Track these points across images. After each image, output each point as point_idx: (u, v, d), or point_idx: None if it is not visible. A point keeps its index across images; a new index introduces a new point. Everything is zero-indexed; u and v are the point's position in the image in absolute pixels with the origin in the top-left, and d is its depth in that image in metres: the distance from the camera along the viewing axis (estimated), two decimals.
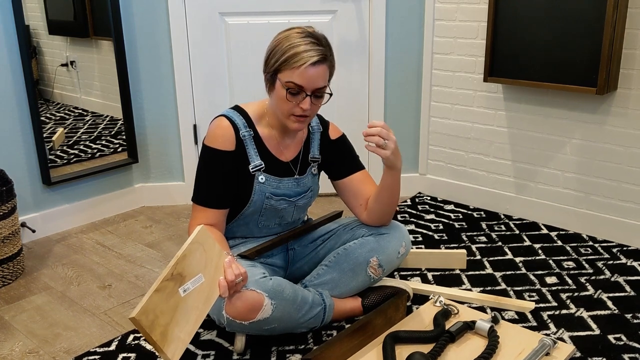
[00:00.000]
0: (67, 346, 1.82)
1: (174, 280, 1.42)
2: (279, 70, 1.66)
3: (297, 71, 1.63)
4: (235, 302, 1.61)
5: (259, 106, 1.83)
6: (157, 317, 1.37)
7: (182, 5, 2.67)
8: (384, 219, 1.88)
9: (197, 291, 1.47)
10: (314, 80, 1.64)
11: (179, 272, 1.43)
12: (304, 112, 1.68)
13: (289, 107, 1.68)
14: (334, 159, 1.92)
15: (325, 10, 2.74)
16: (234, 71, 2.78)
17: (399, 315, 1.84)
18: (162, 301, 1.39)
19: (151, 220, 2.77)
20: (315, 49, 1.63)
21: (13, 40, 2.36)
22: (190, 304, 1.45)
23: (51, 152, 2.57)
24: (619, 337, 1.80)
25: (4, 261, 2.16)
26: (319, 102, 1.71)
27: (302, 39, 1.64)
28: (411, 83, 2.86)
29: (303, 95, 1.66)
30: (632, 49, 2.25)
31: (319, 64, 1.64)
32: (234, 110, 1.80)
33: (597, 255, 2.32)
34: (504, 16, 2.41)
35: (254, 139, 1.78)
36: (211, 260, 1.52)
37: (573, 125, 2.46)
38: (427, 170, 2.98)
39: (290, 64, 1.63)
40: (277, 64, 1.66)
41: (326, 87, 1.70)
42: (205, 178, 1.76)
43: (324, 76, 1.67)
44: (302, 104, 1.67)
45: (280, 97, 1.68)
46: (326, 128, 1.93)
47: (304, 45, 1.63)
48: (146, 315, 1.35)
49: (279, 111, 1.72)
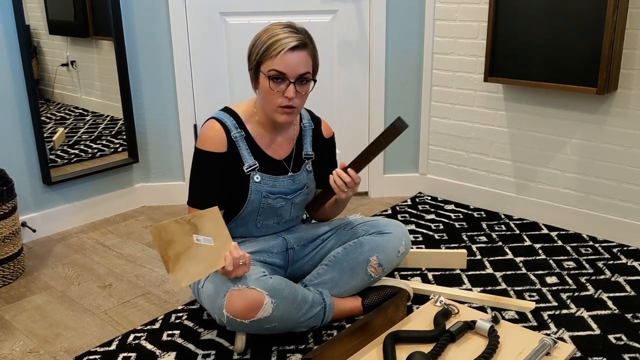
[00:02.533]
0: (68, 346, 1.82)
1: (190, 225, 1.53)
2: (260, 62, 1.69)
3: (277, 58, 1.65)
4: (235, 300, 1.61)
5: (248, 105, 1.83)
6: (173, 241, 1.52)
7: (183, 5, 2.67)
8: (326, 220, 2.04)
9: (206, 248, 1.56)
10: (294, 66, 1.66)
11: (194, 223, 1.54)
12: (290, 102, 1.69)
13: (274, 98, 1.69)
14: (321, 163, 1.95)
15: (326, 10, 2.74)
16: (234, 71, 2.78)
17: (399, 315, 1.84)
18: (179, 232, 1.52)
19: (151, 220, 2.77)
20: (294, 35, 1.66)
21: (13, 40, 2.36)
22: (201, 253, 1.56)
23: (51, 152, 2.57)
24: (619, 337, 1.80)
25: (4, 261, 2.16)
26: (304, 90, 1.72)
27: (280, 29, 1.68)
28: (411, 83, 2.86)
29: (287, 82, 1.67)
30: (632, 49, 2.25)
31: (298, 50, 1.66)
32: (224, 112, 1.81)
33: (597, 255, 2.32)
34: (504, 16, 2.41)
35: (246, 139, 1.79)
36: (220, 236, 1.59)
37: (573, 125, 2.46)
38: (428, 170, 2.98)
39: (269, 53, 1.66)
40: (259, 56, 1.69)
41: (309, 74, 1.71)
42: (198, 181, 1.77)
43: (306, 62, 1.68)
44: (286, 92, 1.68)
45: (265, 90, 1.70)
46: (318, 125, 1.94)
47: (283, 33, 1.66)
48: (165, 232, 1.50)
49: (266, 105, 1.73)
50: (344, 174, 1.73)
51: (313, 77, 1.74)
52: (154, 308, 2.02)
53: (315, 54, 1.74)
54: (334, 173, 1.74)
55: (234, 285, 1.63)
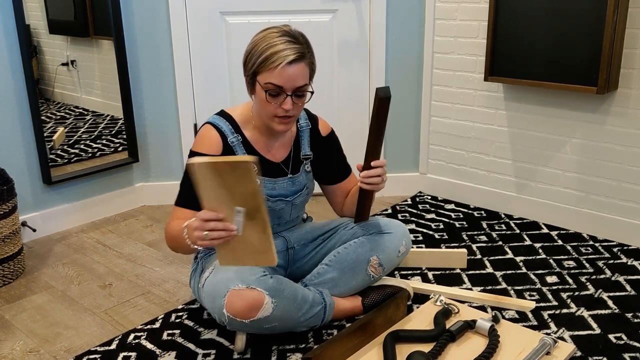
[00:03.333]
0: (68, 345, 1.82)
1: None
2: (257, 72, 1.64)
3: (274, 71, 1.61)
4: (236, 300, 1.61)
5: (245, 109, 1.81)
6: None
7: (183, 5, 2.67)
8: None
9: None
10: (292, 80, 1.62)
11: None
12: (287, 113, 1.66)
13: (271, 109, 1.66)
14: (324, 160, 1.93)
15: (326, 10, 2.74)
16: (234, 70, 2.78)
17: (399, 315, 1.84)
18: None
19: (152, 219, 2.78)
20: (292, 47, 1.61)
21: (13, 40, 2.36)
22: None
23: (52, 152, 2.57)
24: (620, 336, 1.80)
25: (4, 260, 2.16)
26: (301, 102, 1.69)
27: (278, 38, 1.62)
28: (412, 82, 2.86)
29: (284, 96, 1.64)
30: (632, 49, 2.25)
31: (297, 62, 1.62)
32: (220, 116, 1.78)
33: (597, 254, 2.32)
34: (504, 15, 2.40)
35: (243, 143, 1.77)
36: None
37: (574, 124, 2.46)
38: (428, 169, 2.98)
39: (267, 65, 1.61)
40: (255, 66, 1.64)
41: (307, 86, 1.68)
42: (188, 184, 1.73)
43: (303, 74, 1.65)
44: (283, 104, 1.64)
45: (261, 100, 1.67)
46: (315, 123, 1.92)
47: (280, 44, 1.61)
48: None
49: (262, 113, 1.70)
50: (371, 171, 1.70)
51: (310, 85, 1.70)
52: (154, 307, 2.02)
53: (313, 61, 1.70)
54: (361, 178, 1.71)
55: (234, 285, 1.63)
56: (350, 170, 1.99)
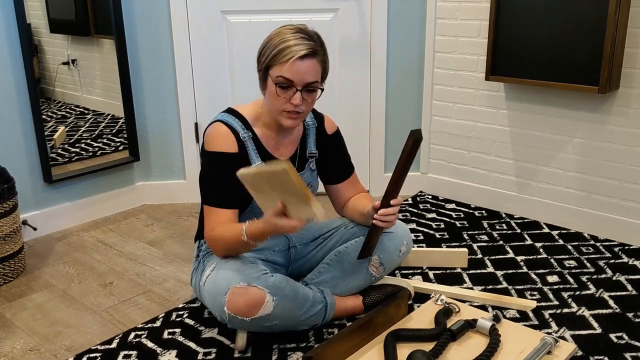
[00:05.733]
0: (68, 344, 1.82)
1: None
2: (269, 66, 1.66)
3: (285, 65, 1.63)
4: (237, 298, 1.61)
5: (254, 107, 1.81)
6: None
7: (184, 4, 2.67)
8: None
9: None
10: (303, 74, 1.64)
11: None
12: (296, 108, 1.67)
13: (280, 103, 1.68)
14: (329, 158, 1.93)
15: (327, 9, 2.73)
16: (235, 69, 2.78)
17: (400, 314, 1.84)
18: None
19: (152, 218, 2.77)
20: (305, 43, 1.63)
21: (14, 39, 2.36)
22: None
23: (52, 151, 2.57)
24: (621, 335, 1.80)
25: (5, 259, 2.16)
26: (311, 98, 1.70)
27: (292, 34, 1.65)
28: (413, 81, 2.86)
29: (293, 90, 1.65)
30: (634, 48, 2.24)
31: (308, 58, 1.64)
32: (228, 113, 1.79)
33: (598, 254, 2.32)
34: (506, 14, 2.40)
35: (253, 140, 1.78)
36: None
37: (575, 124, 2.45)
38: (429, 169, 2.98)
39: (279, 58, 1.63)
40: (268, 59, 1.66)
41: (317, 83, 1.69)
42: (214, 182, 1.72)
43: (315, 71, 1.66)
44: (292, 99, 1.66)
45: (271, 93, 1.68)
46: (321, 122, 1.92)
47: (294, 40, 1.63)
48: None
49: (272, 108, 1.71)
50: (390, 209, 1.70)
51: (322, 83, 1.72)
52: (154, 306, 2.02)
53: (326, 61, 1.71)
54: (378, 216, 1.70)
55: (235, 283, 1.62)
56: (353, 170, 1.98)
